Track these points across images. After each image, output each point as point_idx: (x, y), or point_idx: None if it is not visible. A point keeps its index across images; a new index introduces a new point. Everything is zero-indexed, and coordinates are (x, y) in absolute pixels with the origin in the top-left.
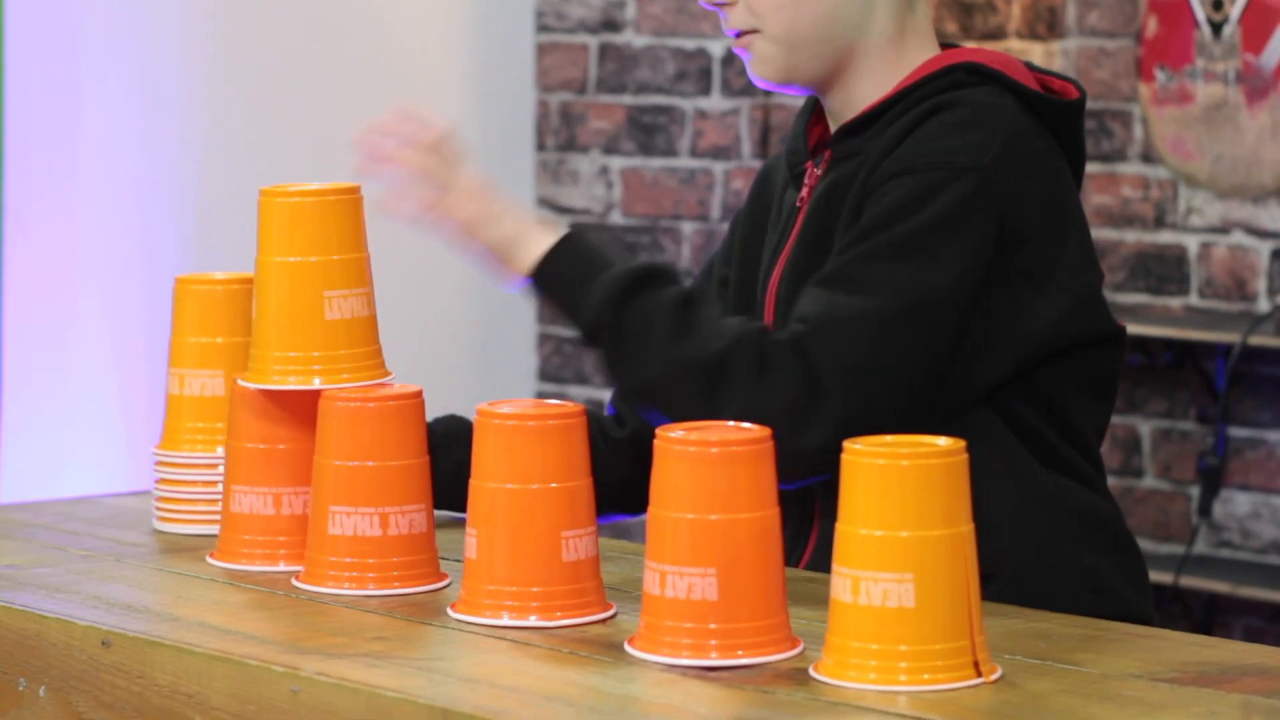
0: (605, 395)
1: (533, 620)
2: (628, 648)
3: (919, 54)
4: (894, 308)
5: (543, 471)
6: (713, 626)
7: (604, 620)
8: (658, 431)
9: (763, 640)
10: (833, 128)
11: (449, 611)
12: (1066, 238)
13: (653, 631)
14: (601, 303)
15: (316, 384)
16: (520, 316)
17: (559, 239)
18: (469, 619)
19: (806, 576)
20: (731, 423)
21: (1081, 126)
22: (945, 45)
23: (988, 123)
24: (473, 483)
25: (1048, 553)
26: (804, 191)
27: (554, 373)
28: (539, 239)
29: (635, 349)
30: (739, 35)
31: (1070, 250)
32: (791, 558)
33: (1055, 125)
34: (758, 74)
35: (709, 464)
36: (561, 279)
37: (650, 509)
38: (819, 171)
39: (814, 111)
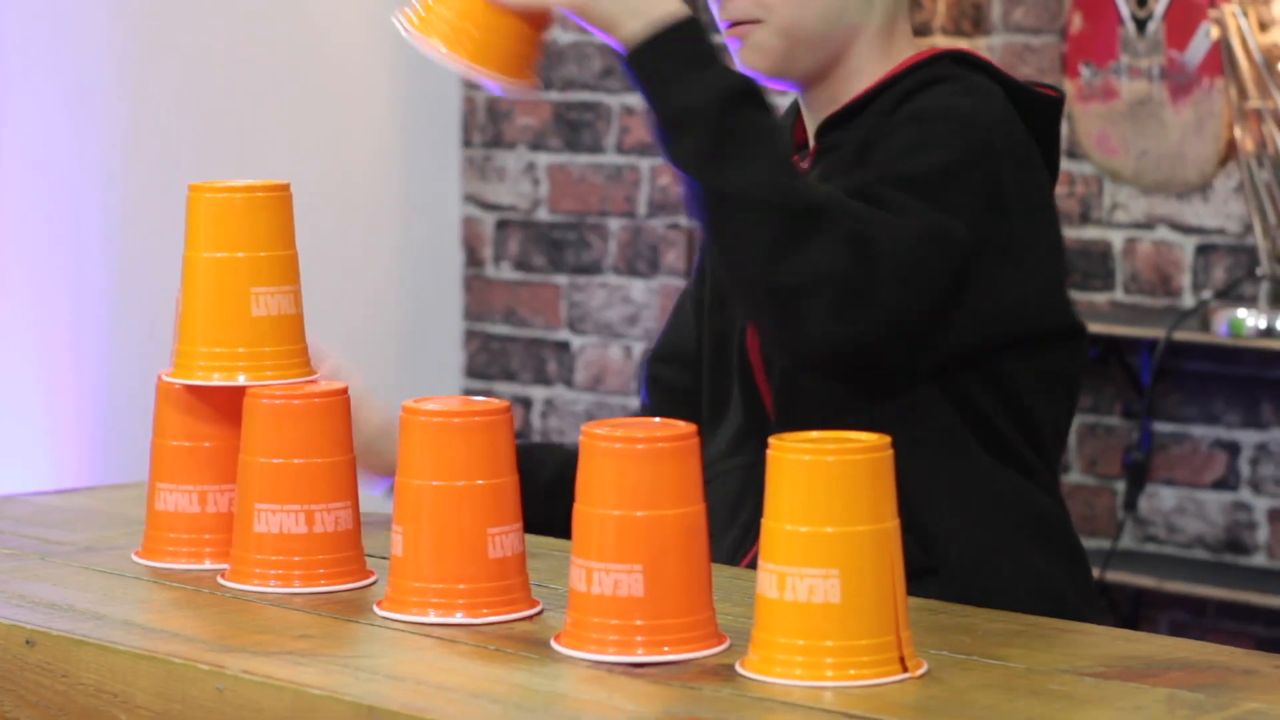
0: (532, 392)
1: (459, 617)
2: (554, 644)
3: (904, 49)
4: (923, 228)
5: (468, 468)
6: (639, 623)
7: (530, 617)
8: (583, 429)
9: (689, 636)
10: (810, 120)
11: (375, 609)
12: (1042, 224)
13: (579, 628)
14: (720, 92)
15: (241, 380)
16: (447, 313)
17: (655, 30)
18: (395, 616)
19: (733, 572)
20: (779, 277)
21: (1059, 126)
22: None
23: (987, 95)
24: (398, 479)
25: (997, 553)
26: None
27: (480, 369)
28: (645, 17)
29: (739, 154)
30: (733, 25)
31: (1044, 237)
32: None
33: (1037, 121)
34: (750, 64)
35: (634, 460)
36: (659, 58)
37: (576, 505)
38: (805, 165)
39: (797, 111)
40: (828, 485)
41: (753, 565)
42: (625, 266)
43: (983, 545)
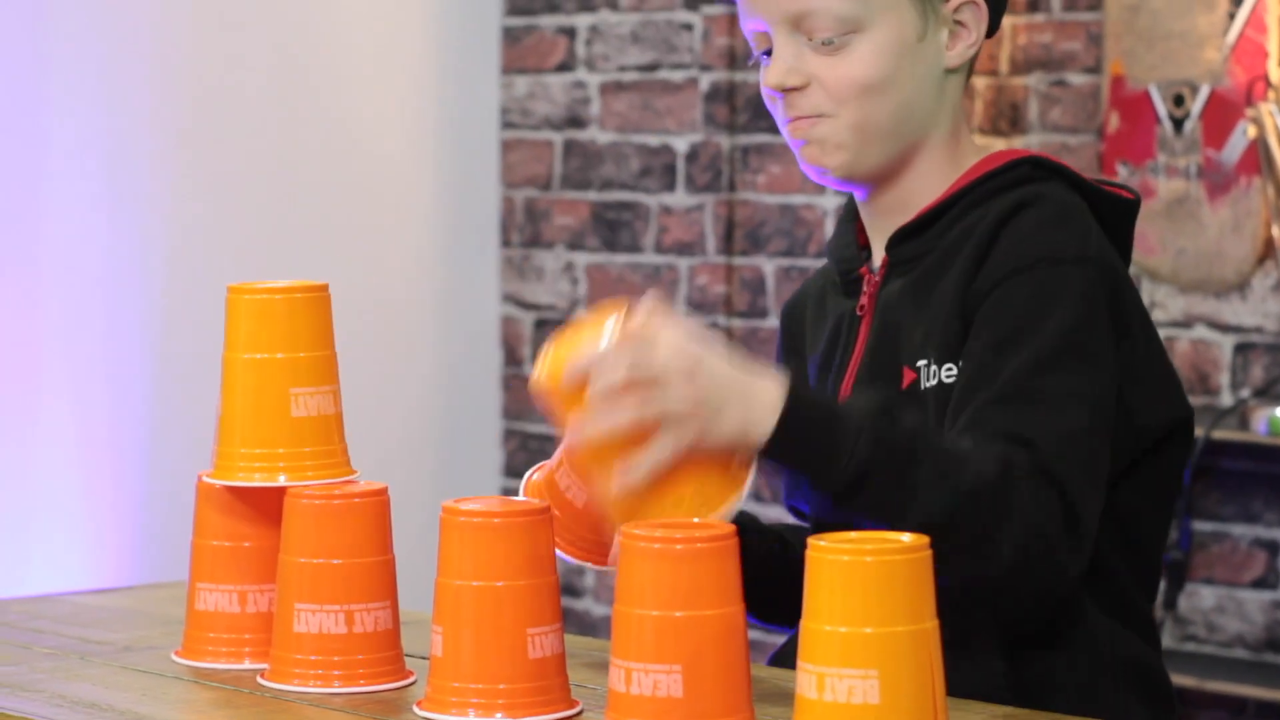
0: None
1: (499, 718)
2: None
3: (969, 154)
4: (1097, 421)
5: (508, 569)
6: None
7: (569, 718)
8: (622, 529)
9: None
10: (875, 227)
11: (415, 709)
12: (1151, 334)
13: None
14: (869, 445)
15: (281, 481)
16: (485, 412)
17: (785, 407)
18: (435, 717)
19: (772, 673)
20: (1008, 557)
21: (1133, 228)
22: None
23: (1079, 217)
24: (438, 580)
25: (1100, 711)
26: (863, 300)
27: (519, 469)
28: (763, 414)
29: (914, 486)
30: (796, 120)
31: (1156, 346)
32: None
33: (1111, 224)
34: (821, 163)
35: (673, 561)
36: (803, 442)
37: (616, 606)
38: (877, 278)
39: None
40: (865, 586)
41: None
42: None
43: (1085, 701)
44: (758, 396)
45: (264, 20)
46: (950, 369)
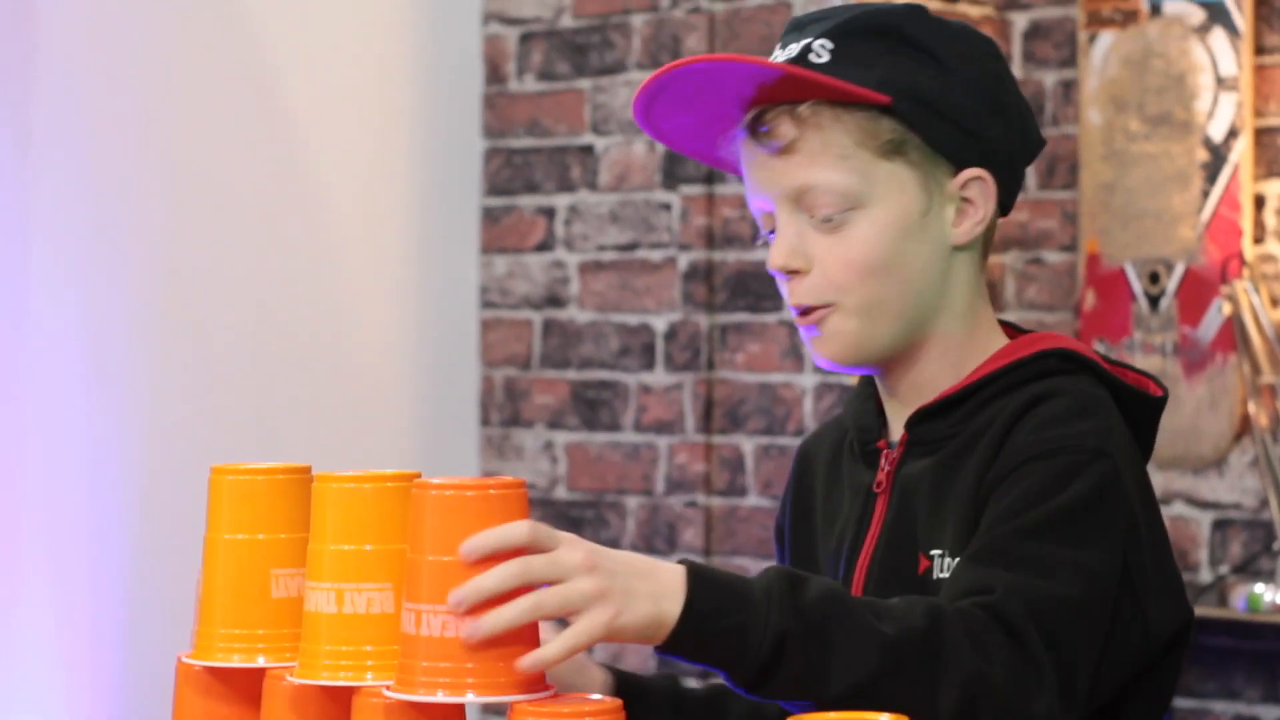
0: None
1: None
2: None
3: (990, 338)
4: (1090, 596)
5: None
6: None
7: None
8: (514, 704)
9: None
10: (891, 404)
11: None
12: (1165, 539)
13: None
14: (780, 614)
15: (261, 662)
16: None
17: (687, 592)
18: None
19: None
20: (948, 709)
21: (1158, 423)
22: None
23: (1102, 412)
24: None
25: None
26: (880, 476)
27: None
28: (671, 590)
29: (837, 648)
30: (804, 312)
31: (1168, 551)
32: None
33: (1136, 417)
34: (827, 353)
35: None
36: (711, 625)
37: None
38: (895, 455)
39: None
40: None
41: None
42: (643, 544)
43: None
44: (661, 573)
45: (246, 197)
46: None
